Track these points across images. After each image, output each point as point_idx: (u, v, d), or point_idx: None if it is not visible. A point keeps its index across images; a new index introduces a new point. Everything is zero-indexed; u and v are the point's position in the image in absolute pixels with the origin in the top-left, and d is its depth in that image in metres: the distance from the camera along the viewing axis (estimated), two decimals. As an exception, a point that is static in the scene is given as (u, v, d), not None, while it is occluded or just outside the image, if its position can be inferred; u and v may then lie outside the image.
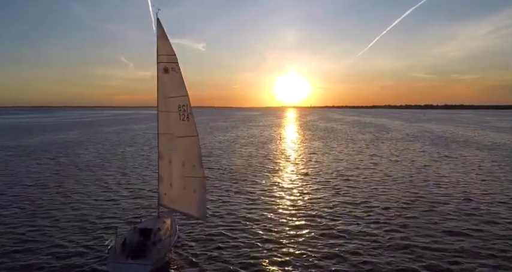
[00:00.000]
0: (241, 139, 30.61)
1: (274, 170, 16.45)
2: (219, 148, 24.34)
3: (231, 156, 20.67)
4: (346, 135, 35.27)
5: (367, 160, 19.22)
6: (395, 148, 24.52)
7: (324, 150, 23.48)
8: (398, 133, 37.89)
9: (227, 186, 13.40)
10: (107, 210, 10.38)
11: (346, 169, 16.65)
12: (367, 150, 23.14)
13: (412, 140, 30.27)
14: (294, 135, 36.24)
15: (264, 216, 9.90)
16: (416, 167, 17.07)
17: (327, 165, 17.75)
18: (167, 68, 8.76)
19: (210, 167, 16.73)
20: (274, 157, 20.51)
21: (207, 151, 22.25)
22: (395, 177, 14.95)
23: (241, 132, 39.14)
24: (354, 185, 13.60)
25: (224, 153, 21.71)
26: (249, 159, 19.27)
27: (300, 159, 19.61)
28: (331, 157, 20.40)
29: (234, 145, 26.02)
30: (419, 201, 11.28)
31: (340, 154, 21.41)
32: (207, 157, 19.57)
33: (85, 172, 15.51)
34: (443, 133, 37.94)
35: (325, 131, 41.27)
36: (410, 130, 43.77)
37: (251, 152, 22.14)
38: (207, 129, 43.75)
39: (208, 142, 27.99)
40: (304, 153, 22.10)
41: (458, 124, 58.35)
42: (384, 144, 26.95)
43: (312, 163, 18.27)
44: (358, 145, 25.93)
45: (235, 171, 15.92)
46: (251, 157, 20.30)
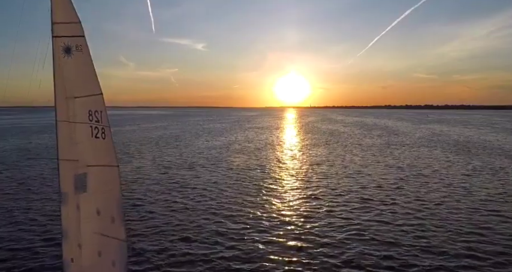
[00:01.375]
0: (234, 145, 26.96)
1: (270, 190, 12.69)
2: (206, 156, 20.65)
3: (218, 168, 16.97)
4: (352, 139, 31.60)
5: (387, 174, 15.44)
6: (413, 156, 20.80)
7: (330, 159, 19.79)
8: (409, 137, 34.21)
9: (207, 218, 9.42)
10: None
11: (363, 188, 12.90)
12: (382, 159, 19.41)
13: (428, 145, 26.58)
14: (294, 139, 32.56)
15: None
16: (453, 185, 13.14)
17: (338, 182, 13.95)
18: (69, 47, 4.92)
19: (186, 184, 13.17)
20: (270, 170, 16.76)
21: (189, 161, 18.74)
22: (431, 201, 11.02)
23: (236, 136, 35.46)
24: (382, 217, 9.61)
25: (209, 163, 18.07)
26: (239, 173, 15.60)
27: (302, 173, 15.84)
28: (341, 170, 16.63)
29: (224, 153, 22.35)
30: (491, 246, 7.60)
31: (351, 164, 17.68)
32: (187, 170, 15.96)
33: None
34: (458, 137, 34.27)
35: (328, 134, 37.59)
36: (420, 133, 40.11)
37: (243, 163, 18.50)
38: (198, 132, 40.07)
39: (195, 149, 24.36)
40: (308, 163, 18.41)
41: (468, 126, 54.73)
42: (398, 151, 23.26)
43: (318, 179, 14.55)
44: (370, 153, 22.24)
45: (220, 193, 12.19)
46: (242, 170, 16.60)
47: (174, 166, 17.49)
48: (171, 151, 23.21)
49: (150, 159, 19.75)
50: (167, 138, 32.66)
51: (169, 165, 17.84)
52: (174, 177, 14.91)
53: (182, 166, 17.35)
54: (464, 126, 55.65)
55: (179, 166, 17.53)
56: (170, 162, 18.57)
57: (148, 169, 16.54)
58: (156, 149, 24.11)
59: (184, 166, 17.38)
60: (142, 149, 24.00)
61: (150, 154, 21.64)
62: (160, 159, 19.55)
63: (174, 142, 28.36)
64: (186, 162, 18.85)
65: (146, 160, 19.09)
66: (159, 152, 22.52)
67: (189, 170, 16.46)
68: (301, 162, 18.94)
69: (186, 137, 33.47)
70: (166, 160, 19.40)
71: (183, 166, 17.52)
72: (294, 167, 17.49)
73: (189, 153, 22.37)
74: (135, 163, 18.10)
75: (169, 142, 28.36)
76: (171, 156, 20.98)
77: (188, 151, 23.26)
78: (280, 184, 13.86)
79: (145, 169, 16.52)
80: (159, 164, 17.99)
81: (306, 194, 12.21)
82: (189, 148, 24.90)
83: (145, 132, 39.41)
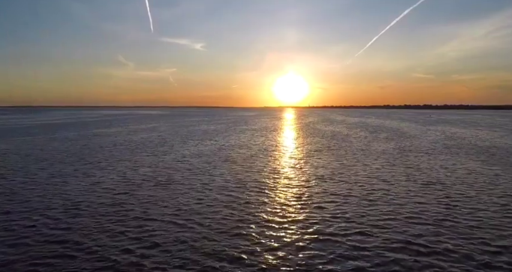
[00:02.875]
0: (224, 151, 23.17)
1: (264, 225, 9.05)
2: (186, 168, 16.83)
3: (197, 186, 13.12)
4: (359, 144, 27.84)
5: (415, 193, 11.52)
6: (439, 166, 16.95)
7: (338, 171, 16.00)
8: (421, 141, 30.48)
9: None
10: None
11: (386, 217, 9.12)
12: (402, 171, 15.56)
13: (450, 152, 22.81)
14: (294, 143, 28.78)
15: None
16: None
17: (356, 208, 10.07)
18: None
19: (146, 212, 9.18)
20: (264, 189, 12.91)
21: (162, 174, 14.75)
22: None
23: (229, 139, 31.66)
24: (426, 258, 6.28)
25: (188, 177, 14.21)
26: (223, 193, 11.79)
27: (305, 194, 11.95)
28: (354, 188, 12.68)
29: (210, 163, 18.55)
30: None
31: (366, 179, 13.71)
32: (153, 190, 12.02)
33: None
34: (477, 140, 30.54)
35: (331, 137, 33.82)
36: (432, 135, 36.37)
37: (231, 176, 14.69)
38: (187, 135, 36.23)
39: (176, 156, 20.53)
40: (311, 178, 14.61)
41: (478, 127, 51.02)
42: (417, 160, 19.49)
43: (325, 201, 10.79)
44: (384, 162, 18.47)
45: (192, 229, 8.52)
46: (228, 187, 12.77)
47: (139, 181, 13.69)
48: (146, 159, 19.40)
49: (113, 171, 15.93)
50: (150, 141, 28.85)
51: (135, 179, 14.04)
52: (135, 198, 11.12)
53: (150, 182, 13.55)
54: (475, 127, 52.00)
55: (146, 182, 13.73)
56: (137, 176, 14.77)
57: (103, 187, 12.73)
58: (128, 157, 20.31)
59: (152, 183, 13.58)
60: (112, 157, 20.19)
61: (118, 164, 17.83)
62: (127, 171, 15.75)
63: (154, 148, 24.55)
64: (157, 175, 15.04)
65: (107, 173, 15.27)
66: (129, 162, 18.71)
67: (158, 188, 12.65)
68: (303, 176, 15.15)
69: (172, 141, 29.66)
70: (135, 173, 15.59)
71: (151, 181, 13.72)
72: (293, 183, 13.70)
73: (167, 162, 18.57)
74: (92, 178, 14.29)
75: (149, 148, 24.54)
76: (142, 166, 17.18)
77: (167, 160, 19.45)
78: (277, 213, 10.07)
79: (100, 186, 12.72)
80: (122, 179, 14.18)
81: (311, 228, 8.44)
82: (169, 155, 21.08)
83: (129, 135, 35.60)
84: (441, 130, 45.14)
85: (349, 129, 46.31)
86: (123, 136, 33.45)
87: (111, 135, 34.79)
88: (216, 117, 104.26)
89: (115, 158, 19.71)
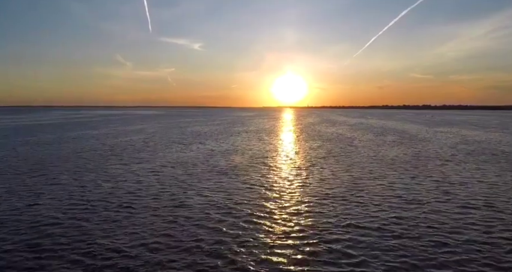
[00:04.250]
0: (213, 158, 19.91)
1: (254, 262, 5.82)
2: (161, 182, 13.49)
3: (168, 210, 9.87)
4: (366, 149, 24.61)
5: (449, 218, 8.28)
6: (472, 178, 13.68)
7: (353, 189, 12.69)
8: (435, 145, 27.28)
9: None
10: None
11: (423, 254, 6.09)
12: (433, 187, 12.14)
13: (476, 161, 19.53)
14: (294, 148, 25.52)
15: None
16: None
17: (388, 251, 6.75)
18: None
19: (92, 251, 6.57)
20: (257, 217, 9.66)
21: (126, 192, 11.33)
22: None
23: (221, 143, 28.41)
24: None
25: (161, 195, 10.97)
26: (202, 224, 8.60)
27: (315, 228, 8.63)
28: (382, 216, 9.37)
29: (191, 175, 15.27)
30: None
31: (393, 200, 10.50)
32: (115, 211, 8.66)
33: None
34: (497, 145, 27.35)
35: (334, 141, 30.57)
36: (444, 138, 33.16)
37: (215, 194, 11.39)
38: (176, 138, 32.90)
39: (153, 165, 17.20)
40: (320, 201, 11.31)
41: (488, 129, 47.86)
42: (444, 171, 16.21)
43: (336, 231, 7.52)
44: (406, 174, 15.10)
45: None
46: (207, 220, 9.55)
47: (86, 207, 10.39)
48: (115, 171, 16.10)
49: (62, 188, 12.61)
50: (131, 145, 25.55)
51: (80, 205, 10.73)
52: (83, 227, 7.85)
53: (96, 212, 10.22)
54: (484, 128, 48.85)
55: (105, 203, 10.44)
56: (90, 197, 11.46)
57: (33, 214, 9.41)
58: (95, 166, 17.00)
59: (113, 206, 10.29)
60: (76, 167, 16.88)
61: (76, 177, 14.53)
62: (79, 191, 12.44)
63: (132, 154, 21.25)
64: (122, 195, 11.76)
65: (51, 192, 11.95)
66: (92, 174, 15.42)
67: (115, 212, 9.37)
68: (307, 195, 11.89)
69: (156, 145, 26.38)
70: (88, 193, 12.29)
71: (112, 204, 10.43)
72: (296, 206, 10.43)
73: (138, 174, 15.27)
74: (25, 200, 10.97)
75: (126, 154, 21.25)
76: (106, 181, 13.87)
77: (139, 171, 16.17)
78: (275, 254, 6.81)
79: (29, 213, 9.40)
80: (63, 203, 10.86)
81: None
82: (145, 164, 17.80)
83: (112, 138, 32.30)
84: (450, 132, 41.98)
85: (352, 131, 43.11)
86: (104, 140, 30.15)
87: (92, 138, 31.48)
88: (213, 117, 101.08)
89: (78, 169, 16.41)
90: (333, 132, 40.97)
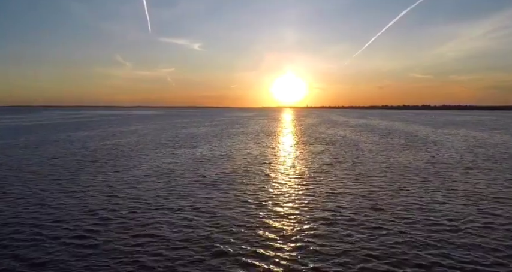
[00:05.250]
0: (202, 166, 17.63)
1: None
2: (145, 198, 11.08)
3: (147, 237, 7.58)
4: (377, 154, 22.32)
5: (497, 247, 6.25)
6: (508, 192, 11.38)
7: (371, 207, 10.39)
8: (449, 149, 25.01)
9: None
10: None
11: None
12: (463, 203, 9.80)
13: (501, 168, 17.28)
14: (296, 153, 23.24)
15: None
16: None
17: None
18: None
19: None
20: (249, 253, 7.42)
21: (102, 209, 8.90)
22: None
23: (216, 146, 26.13)
24: None
25: (131, 218, 8.67)
26: (181, 255, 6.31)
27: (328, 262, 6.47)
28: (416, 246, 7.15)
29: (177, 187, 12.97)
30: None
31: (423, 223, 8.14)
32: (65, 243, 6.23)
33: None
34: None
35: (338, 144, 28.27)
36: (456, 141, 30.87)
37: (200, 219, 9.12)
38: (168, 141, 30.58)
39: (135, 174, 14.85)
40: (332, 225, 9.04)
41: (497, 130, 45.62)
42: (469, 181, 13.94)
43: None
44: (427, 185, 12.69)
45: None
46: (186, 256, 7.23)
47: (45, 229, 8.09)
48: (86, 181, 13.80)
49: (21, 203, 10.30)
50: (116, 149, 23.25)
51: (41, 223, 8.42)
52: None
53: (60, 232, 7.92)
54: (492, 130, 46.59)
55: (57, 227, 8.14)
56: (48, 214, 9.15)
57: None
58: (66, 176, 14.70)
59: (65, 233, 7.98)
60: (43, 178, 14.56)
61: (37, 191, 12.21)
62: (43, 204, 10.13)
63: (114, 159, 18.95)
64: (81, 216, 9.45)
65: (6, 208, 9.65)
66: (59, 185, 13.12)
67: (64, 245, 7.08)
68: (311, 214, 9.61)
69: (144, 149, 24.09)
70: (48, 210, 9.98)
71: (64, 229, 8.12)
72: (297, 232, 8.16)
73: (113, 186, 12.97)
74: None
75: (108, 159, 18.94)
76: (70, 197, 11.55)
77: (116, 181, 13.86)
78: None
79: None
80: (23, 219, 8.56)
81: None
82: (125, 173, 15.48)
83: (100, 140, 30.04)
84: (459, 133, 39.72)
85: (356, 133, 40.83)
86: (89, 143, 27.86)
87: (77, 141, 29.18)
88: (211, 117, 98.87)
89: (43, 179, 14.11)
90: (335, 134, 38.69)
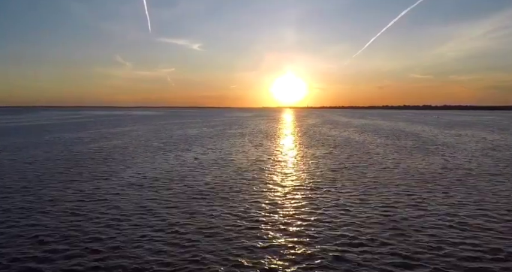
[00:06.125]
0: (194, 171, 15.65)
1: None
2: (122, 213, 9.07)
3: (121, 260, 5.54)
4: (386, 159, 20.33)
5: None
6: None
7: (393, 232, 8.42)
8: (464, 153, 23.03)
9: None
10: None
11: None
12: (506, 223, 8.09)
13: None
14: (299, 158, 21.25)
15: None
16: None
17: None
18: None
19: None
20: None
21: (66, 227, 6.54)
22: None
23: (210, 150, 24.15)
24: None
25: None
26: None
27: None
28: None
29: (161, 199, 10.97)
30: None
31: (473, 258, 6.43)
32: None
33: None
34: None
35: (345, 147, 26.27)
36: (467, 143, 28.87)
37: (183, 238, 7.14)
38: (159, 143, 28.57)
39: (112, 185, 12.82)
40: (349, 248, 7.09)
41: (508, 130, 43.68)
42: (501, 193, 11.95)
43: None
44: (456, 200, 10.61)
45: None
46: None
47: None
48: (58, 190, 11.79)
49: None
50: (101, 153, 21.27)
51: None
52: None
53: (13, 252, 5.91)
54: (502, 131, 44.62)
55: (13, 249, 6.16)
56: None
57: None
58: (40, 181, 12.69)
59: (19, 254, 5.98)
60: (8, 184, 12.57)
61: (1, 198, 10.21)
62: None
63: (94, 166, 16.95)
64: (44, 236, 7.44)
65: None
66: (21, 195, 11.11)
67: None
68: (319, 235, 7.61)
69: (132, 153, 22.11)
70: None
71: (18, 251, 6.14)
72: (302, 260, 6.18)
73: (86, 197, 10.97)
74: None
75: (88, 165, 16.94)
76: (27, 216, 9.55)
77: (91, 192, 11.86)
78: None
79: None
80: None
81: None
82: (102, 181, 13.46)
83: (87, 143, 28.09)
84: (468, 134, 37.72)
85: (360, 134, 38.84)
86: (75, 146, 25.89)
87: (62, 143, 27.21)
88: (211, 118, 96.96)
89: (4, 191, 12.11)
90: (338, 136, 36.69)
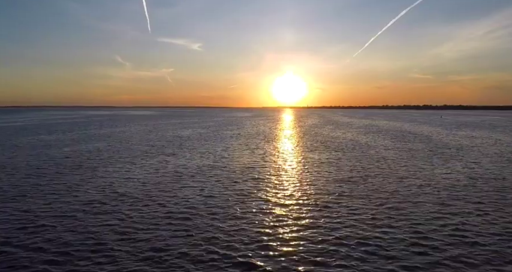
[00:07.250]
0: (179, 182, 13.34)
1: None
2: (84, 240, 6.83)
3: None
4: (400, 166, 18.02)
5: None
6: None
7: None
8: (488, 159, 20.71)
9: None
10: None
11: None
12: None
13: None
14: (298, 165, 18.91)
15: None
16: None
17: None
18: None
19: None
20: None
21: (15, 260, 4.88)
22: None
23: (201, 154, 21.82)
24: None
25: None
26: None
27: None
28: None
29: (134, 218, 8.67)
30: None
31: None
32: None
33: None
34: None
35: (350, 151, 23.90)
36: (485, 146, 26.57)
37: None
38: (148, 146, 26.20)
39: (79, 200, 10.50)
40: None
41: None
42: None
43: None
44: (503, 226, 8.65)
45: None
46: None
47: None
48: (10, 208, 9.45)
49: None
50: (73, 158, 18.94)
51: None
52: None
53: None
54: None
55: None
56: None
57: None
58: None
59: None
60: None
61: None
62: None
63: (59, 174, 14.60)
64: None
65: None
66: None
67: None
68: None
69: (108, 157, 19.77)
70: None
71: None
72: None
73: (43, 215, 8.63)
74: None
75: (51, 174, 14.59)
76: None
77: (51, 208, 9.50)
78: None
79: None
80: None
81: None
82: (58, 198, 11.14)
83: (64, 145, 25.77)
84: (480, 136, 35.42)
85: (364, 135, 36.50)
86: (47, 149, 23.54)
87: (34, 147, 24.86)
88: (208, 118, 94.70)
89: None
90: (341, 137, 34.33)
